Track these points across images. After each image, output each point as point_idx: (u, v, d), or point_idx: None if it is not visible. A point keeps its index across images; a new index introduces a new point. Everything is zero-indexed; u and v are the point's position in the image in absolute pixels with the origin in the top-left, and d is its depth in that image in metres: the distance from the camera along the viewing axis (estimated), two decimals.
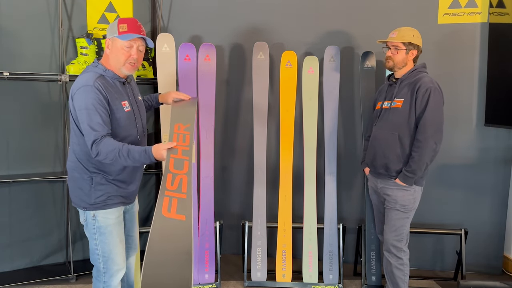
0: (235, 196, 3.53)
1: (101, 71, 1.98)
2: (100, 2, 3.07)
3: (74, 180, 2.03)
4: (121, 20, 1.97)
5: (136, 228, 2.40)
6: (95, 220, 2.00)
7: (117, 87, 2.01)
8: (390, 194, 2.48)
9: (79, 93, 1.90)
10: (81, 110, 1.89)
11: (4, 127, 2.89)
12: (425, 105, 2.33)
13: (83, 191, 1.99)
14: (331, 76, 3.06)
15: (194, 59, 2.95)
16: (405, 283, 2.53)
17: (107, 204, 2.00)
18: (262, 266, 3.02)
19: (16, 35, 2.86)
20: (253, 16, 3.33)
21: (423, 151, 2.33)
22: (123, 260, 2.10)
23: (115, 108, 1.96)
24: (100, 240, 2.01)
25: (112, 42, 1.97)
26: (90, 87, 1.88)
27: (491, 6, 3.05)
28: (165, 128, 2.90)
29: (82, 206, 2.01)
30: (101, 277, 2.07)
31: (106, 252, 2.03)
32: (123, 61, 1.97)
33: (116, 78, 2.01)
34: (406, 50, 2.44)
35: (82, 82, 1.91)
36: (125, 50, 1.96)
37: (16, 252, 3.01)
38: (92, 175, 1.98)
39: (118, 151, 1.87)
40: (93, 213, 2.00)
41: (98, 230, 2.01)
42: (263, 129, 3.06)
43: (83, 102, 1.88)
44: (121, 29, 1.93)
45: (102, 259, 2.04)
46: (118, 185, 2.04)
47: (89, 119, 1.88)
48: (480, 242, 3.20)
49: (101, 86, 1.91)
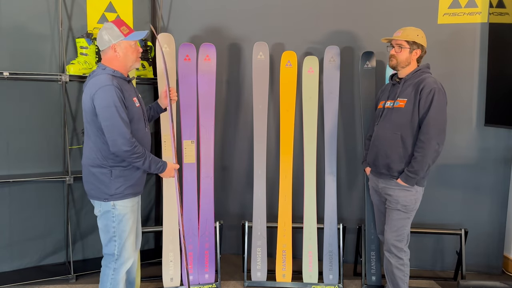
0: (235, 196, 3.53)
1: (110, 72, 2.14)
2: (100, 2, 3.07)
3: (93, 175, 2.17)
4: (116, 23, 2.14)
5: (139, 221, 2.48)
6: (114, 209, 2.17)
7: (126, 85, 2.20)
8: (391, 194, 2.48)
9: (101, 93, 2.05)
10: (107, 108, 2.04)
11: (4, 127, 2.89)
12: (429, 105, 2.33)
13: (104, 184, 2.15)
14: (331, 76, 3.06)
15: (194, 59, 2.95)
16: (405, 283, 2.53)
17: (125, 194, 2.18)
18: (262, 266, 3.02)
19: (16, 35, 2.86)
20: (253, 16, 3.33)
21: (426, 151, 2.33)
22: (133, 250, 2.29)
23: (129, 105, 2.15)
24: (118, 228, 2.19)
25: (120, 45, 2.14)
26: (111, 87, 2.05)
27: (491, 6, 3.05)
28: (165, 128, 2.90)
29: (103, 198, 2.17)
30: (112, 263, 2.22)
31: (122, 239, 2.20)
32: (135, 58, 2.20)
33: (123, 77, 2.19)
34: (410, 49, 2.44)
35: (101, 83, 2.06)
36: (134, 48, 2.18)
37: (16, 252, 3.01)
38: (112, 168, 2.15)
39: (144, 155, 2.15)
40: (113, 202, 2.16)
41: (117, 218, 2.18)
42: (263, 129, 3.06)
43: (108, 100, 2.04)
44: (124, 31, 2.13)
45: (118, 246, 2.20)
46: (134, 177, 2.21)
47: (118, 115, 2.05)
48: (480, 242, 3.21)
49: (118, 85, 2.09)
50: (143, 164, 2.16)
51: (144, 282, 2.97)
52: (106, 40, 2.13)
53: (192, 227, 2.94)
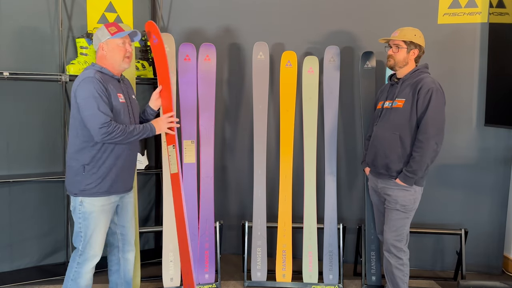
0: (235, 196, 3.53)
1: (98, 68, 2.24)
2: (100, 2, 3.07)
3: (70, 168, 2.24)
4: (107, 25, 2.26)
5: (130, 220, 2.48)
6: (81, 206, 2.21)
7: (113, 81, 2.26)
8: (390, 194, 2.48)
9: (82, 85, 2.14)
10: (87, 98, 2.12)
11: (4, 127, 2.89)
12: (427, 105, 2.33)
13: (76, 178, 2.21)
14: (331, 76, 3.06)
15: (194, 59, 2.95)
16: (405, 283, 2.53)
17: (95, 192, 2.20)
18: (262, 266, 3.02)
19: (16, 35, 2.86)
20: (253, 16, 3.33)
21: (424, 151, 2.33)
22: (100, 248, 2.29)
23: (112, 98, 2.20)
24: (83, 225, 2.22)
25: (107, 44, 2.24)
26: (92, 78, 2.14)
27: (491, 6, 3.05)
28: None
29: (74, 192, 2.23)
30: (77, 257, 2.26)
31: (87, 236, 2.23)
32: (122, 56, 2.25)
33: (111, 75, 2.26)
34: (407, 49, 2.44)
35: (83, 76, 2.17)
36: (121, 47, 2.25)
37: (16, 252, 3.01)
38: (85, 164, 2.19)
39: (124, 130, 2.17)
40: (80, 199, 2.21)
41: (83, 215, 2.22)
42: (263, 129, 3.06)
43: (88, 91, 2.12)
44: (112, 30, 2.23)
45: (83, 242, 2.24)
46: (107, 177, 2.23)
47: (97, 104, 2.11)
48: (480, 242, 3.21)
49: (100, 78, 2.17)
50: (131, 138, 2.22)
51: (144, 282, 2.97)
52: (96, 39, 2.26)
53: (192, 227, 2.94)
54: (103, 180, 2.21)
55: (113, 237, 2.45)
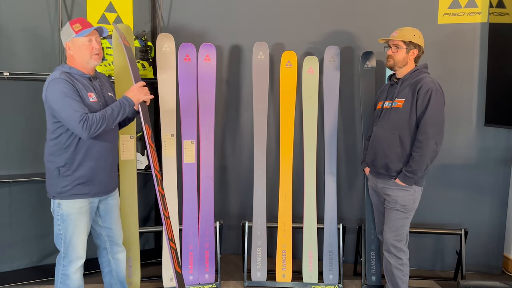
0: (235, 196, 3.53)
1: (66, 69, 2.17)
2: (100, 2, 3.07)
3: (47, 171, 2.22)
4: (72, 22, 2.17)
5: (116, 221, 2.44)
6: (59, 208, 2.18)
7: (83, 80, 2.19)
8: (390, 194, 2.48)
9: (50, 87, 2.09)
10: (58, 100, 2.07)
11: (4, 127, 2.89)
12: (426, 105, 2.33)
13: (53, 181, 2.19)
14: (331, 76, 3.06)
15: (194, 59, 2.95)
16: (405, 283, 2.53)
17: (71, 194, 2.17)
18: (262, 266, 3.02)
19: (16, 35, 2.86)
20: (253, 16, 3.33)
21: (424, 151, 2.33)
22: (83, 249, 2.26)
23: (83, 97, 2.14)
24: (62, 227, 2.19)
25: (72, 43, 2.16)
26: (58, 79, 2.09)
27: (491, 6, 3.05)
28: (166, 128, 2.90)
29: (51, 195, 2.20)
30: (61, 260, 2.24)
31: (67, 238, 2.20)
32: (89, 54, 2.17)
33: (81, 74, 2.20)
34: (407, 49, 2.44)
35: (50, 78, 2.12)
36: (87, 44, 2.16)
37: (16, 252, 3.01)
38: (59, 166, 2.16)
39: (103, 116, 2.11)
40: (58, 201, 2.18)
41: (61, 217, 2.19)
42: (263, 129, 3.06)
43: (57, 93, 2.07)
44: (76, 28, 2.14)
45: (64, 244, 2.21)
46: (83, 179, 2.19)
47: (69, 104, 2.06)
48: (480, 242, 3.21)
49: (67, 77, 2.11)
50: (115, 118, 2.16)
51: (144, 282, 2.97)
52: (62, 40, 2.19)
53: (192, 227, 2.94)
54: (80, 182, 2.17)
55: (99, 239, 2.42)
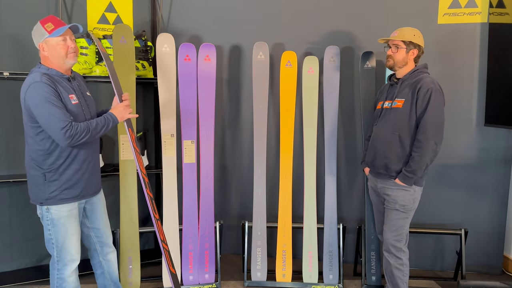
0: (235, 196, 3.53)
1: (44, 70, 2.09)
2: (100, 2, 3.07)
3: (31, 177, 2.16)
4: (42, 21, 2.08)
5: (104, 221, 2.41)
6: (48, 213, 2.14)
7: (62, 82, 2.11)
8: (390, 194, 2.48)
9: (30, 91, 2.00)
10: (39, 105, 1.98)
11: (4, 127, 2.90)
12: (426, 105, 2.33)
13: (38, 187, 2.13)
14: (331, 76, 3.06)
15: (194, 59, 2.95)
16: (404, 283, 2.53)
17: (60, 199, 2.13)
18: (262, 266, 3.02)
19: (16, 35, 2.86)
20: (253, 16, 3.33)
21: (424, 151, 2.33)
22: (77, 252, 2.23)
23: (65, 102, 2.07)
24: (53, 231, 2.16)
25: (46, 43, 2.08)
26: (39, 83, 1.99)
27: (491, 6, 3.05)
28: (166, 128, 2.90)
29: (39, 202, 2.15)
30: (55, 264, 2.21)
31: (59, 242, 2.17)
32: (65, 54, 2.10)
33: (60, 75, 2.12)
34: (407, 49, 2.44)
35: (30, 81, 2.02)
36: (62, 44, 2.08)
37: (16, 252, 3.01)
38: (45, 172, 2.10)
39: (87, 127, 2.06)
40: (46, 206, 2.14)
41: (51, 222, 2.15)
42: (263, 129, 3.06)
43: (38, 97, 1.98)
44: (49, 28, 2.05)
45: (56, 248, 2.18)
46: (70, 182, 2.15)
47: (51, 110, 1.98)
48: (480, 242, 3.21)
49: (48, 80, 2.02)
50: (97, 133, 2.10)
51: (144, 282, 2.97)
52: (34, 41, 2.11)
53: (192, 227, 2.94)
54: (68, 187, 2.13)
55: (89, 241, 2.40)
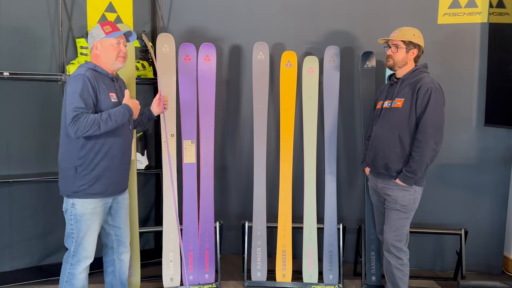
0: (235, 196, 3.53)
1: (91, 66, 2.22)
2: (100, 2, 3.07)
3: (62, 170, 2.23)
4: (102, 23, 2.23)
5: (125, 221, 2.46)
6: (73, 208, 2.20)
7: (106, 80, 2.24)
8: (390, 194, 2.48)
9: (70, 82, 2.13)
10: (71, 94, 2.09)
11: (4, 127, 2.89)
12: (426, 105, 2.33)
13: (68, 180, 2.19)
14: (331, 76, 3.06)
15: (194, 59, 2.95)
16: (405, 283, 2.53)
17: (87, 194, 2.19)
18: (262, 266, 3.02)
19: (16, 35, 2.86)
20: (253, 16, 3.33)
21: (423, 151, 2.33)
22: (92, 250, 2.28)
23: (103, 97, 2.18)
24: (75, 227, 2.21)
25: (101, 43, 2.22)
26: (81, 76, 2.11)
27: (491, 6, 3.05)
28: None
29: (66, 194, 2.21)
30: (70, 259, 2.25)
31: (79, 238, 2.22)
32: (115, 56, 2.23)
33: (105, 73, 2.25)
34: (406, 49, 2.44)
35: (74, 73, 2.16)
36: (115, 46, 2.23)
37: (16, 252, 3.01)
38: (77, 165, 2.17)
39: (95, 121, 2.08)
40: (72, 201, 2.19)
41: (75, 217, 2.21)
42: (263, 129, 3.06)
43: (74, 88, 2.09)
44: (107, 29, 2.20)
45: (75, 243, 2.23)
46: (100, 178, 2.21)
47: (75, 102, 2.07)
48: (480, 242, 3.21)
49: (91, 76, 2.14)
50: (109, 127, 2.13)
51: (144, 282, 2.97)
52: (90, 38, 2.24)
53: (192, 227, 2.94)
54: (96, 181, 2.19)
55: (107, 238, 2.44)
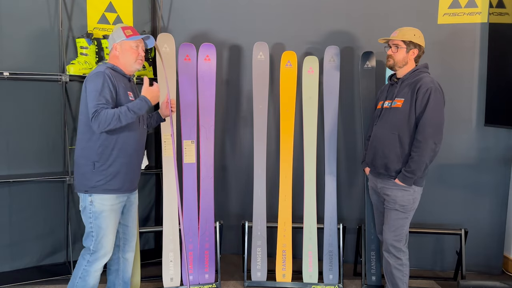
0: (235, 196, 3.53)
1: (110, 65, 2.29)
2: (100, 2, 3.07)
3: (79, 166, 2.26)
4: (123, 27, 2.32)
5: (134, 220, 2.49)
6: (92, 205, 2.23)
7: (124, 80, 2.32)
8: (389, 194, 2.48)
9: (91, 79, 2.18)
10: (92, 92, 2.15)
11: (4, 127, 2.89)
12: (425, 105, 2.33)
13: (86, 176, 2.23)
14: (331, 76, 3.06)
15: (194, 59, 2.95)
16: (404, 283, 2.53)
17: (105, 189, 2.23)
18: (262, 266, 3.02)
19: (16, 35, 2.86)
20: (253, 16, 3.33)
21: (423, 151, 2.33)
22: (111, 247, 2.32)
23: (122, 95, 2.24)
24: (95, 224, 2.25)
25: (121, 45, 2.29)
26: (102, 73, 2.18)
27: (491, 6, 3.05)
28: (165, 128, 2.90)
29: (84, 190, 2.23)
30: (87, 256, 2.28)
31: (99, 236, 2.25)
32: (134, 58, 2.31)
33: (123, 73, 2.32)
34: (407, 49, 2.44)
35: (95, 71, 2.22)
36: (134, 49, 2.31)
37: (16, 252, 3.01)
38: (95, 161, 2.21)
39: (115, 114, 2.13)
40: (90, 198, 2.22)
41: (94, 215, 2.24)
42: (263, 129, 3.06)
43: (94, 85, 2.15)
44: (127, 33, 2.29)
45: (94, 241, 2.26)
46: (117, 174, 2.25)
47: (96, 98, 2.12)
48: (480, 242, 3.20)
49: (111, 74, 2.21)
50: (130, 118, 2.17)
51: (144, 282, 2.97)
52: (111, 40, 2.32)
53: (192, 227, 2.94)
54: (113, 177, 2.23)
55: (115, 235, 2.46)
